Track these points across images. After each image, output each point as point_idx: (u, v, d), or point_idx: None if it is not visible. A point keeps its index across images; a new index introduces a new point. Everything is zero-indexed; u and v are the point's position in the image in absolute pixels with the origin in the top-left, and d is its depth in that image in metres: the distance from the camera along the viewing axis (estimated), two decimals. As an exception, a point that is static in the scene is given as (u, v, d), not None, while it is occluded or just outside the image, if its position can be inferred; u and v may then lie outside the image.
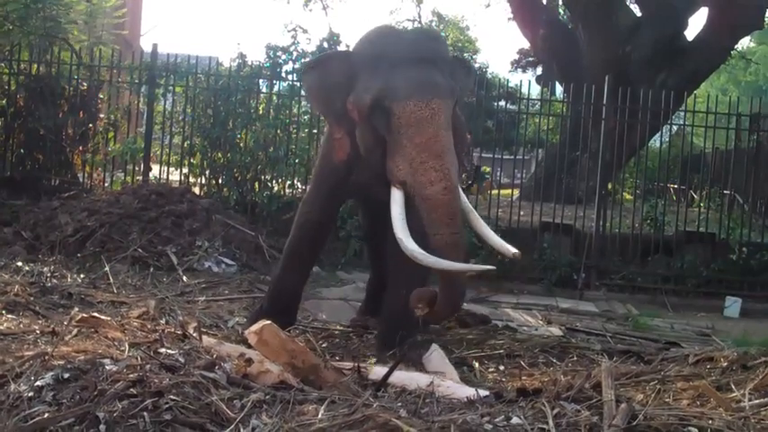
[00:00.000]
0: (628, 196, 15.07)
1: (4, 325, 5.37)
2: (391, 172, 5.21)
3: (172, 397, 3.72)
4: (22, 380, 3.87)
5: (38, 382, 3.81)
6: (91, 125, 11.68)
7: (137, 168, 11.63)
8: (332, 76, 5.60)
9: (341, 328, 6.64)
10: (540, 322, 7.83)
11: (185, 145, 11.46)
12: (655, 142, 15.40)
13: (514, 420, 3.77)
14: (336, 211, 6.71)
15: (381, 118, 5.22)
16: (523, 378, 5.15)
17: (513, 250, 5.23)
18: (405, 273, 5.83)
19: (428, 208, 4.98)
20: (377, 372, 4.82)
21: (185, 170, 11.43)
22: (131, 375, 3.88)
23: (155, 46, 11.63)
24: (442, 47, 5.80)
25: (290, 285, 6.25)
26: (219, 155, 11.24)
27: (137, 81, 11.64)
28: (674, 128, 14.06)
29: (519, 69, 27.55)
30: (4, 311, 5.79)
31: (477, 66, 16.63)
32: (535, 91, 15.16)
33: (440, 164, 4.99)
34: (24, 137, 11.42)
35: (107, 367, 3.98)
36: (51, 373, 3.89)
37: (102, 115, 11.91)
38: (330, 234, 6.73)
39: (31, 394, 3.72)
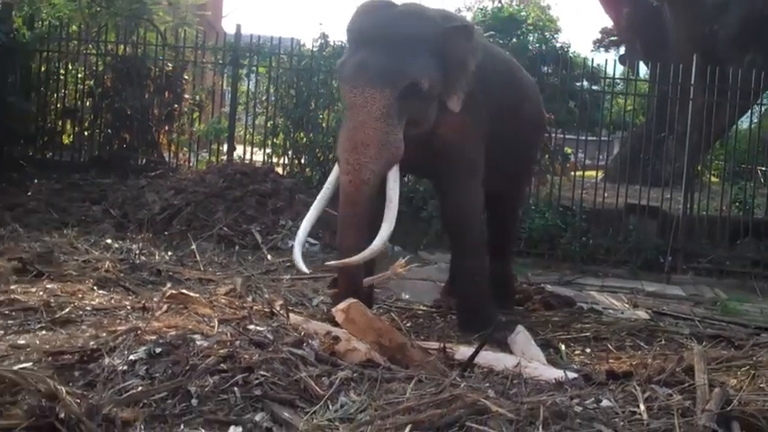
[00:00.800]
0: (715, 179, 14.75)
1: (96, 301, 5.47)
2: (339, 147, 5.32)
3: (261, 373, 3.75)
4: (116, 354, 3.94)
5: (131, 357, 3.87)
6: (176, 105, 11.85)
7: (221, 148, 11.78)
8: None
9: (424, 308, 6.63)
10: (626, 306, 7.70)
11: (268, 125, 11.55)
12: (743, 123, 15.02)
13: (604, 403, 3.71)
14: None
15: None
16: (611, 361, 5.08)
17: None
18: (466, 253, 5.95)
19: (340, 191, 5.14)
20: (463, 352, 4.81)
21: (268, 150, 11.51)
22: (222, 351, 3.92)
23: (238, 27, 11.77)
24: (421, 23, 5.40)
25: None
26: (302, 135, 11.30)
27: (221, 62, 11.76)
28: (764, 108, 13.69)
29: (601, 49, 27.06)
30: (95, 287, 5.91)
31: (558, 45, 16.34)
32: (618, 71, 14.89)
33: (354, 157, 5.01)
34: (112, 117, 11.62)
35: (198, 343, 4.04)
36: (144, 348, 3.96)
37: (186, 96, 12.07)
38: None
39: (124, 368, 3.79)
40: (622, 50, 23.50)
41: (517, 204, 6.99)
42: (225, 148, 11.69)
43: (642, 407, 3.64)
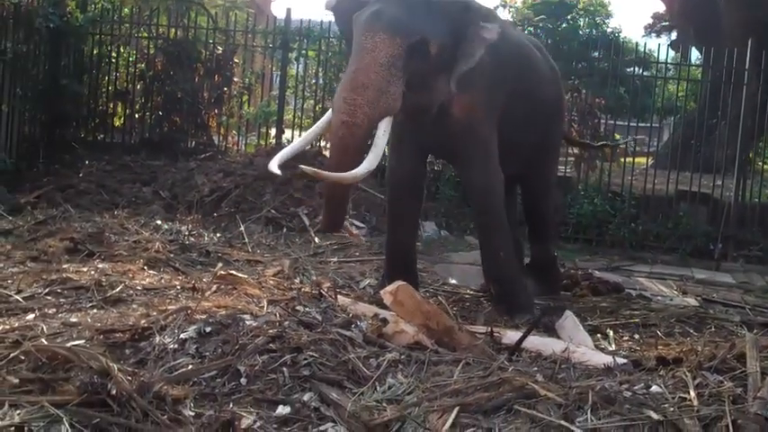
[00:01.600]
0: (767, 166, 14.52)
1: (147, 280, 5.54)
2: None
3: (310, 353, 3.79)
4: (167, 333, 4.00)
5: (182, 335, 3.93)
6: (226, 89, 11.89)
7: (270, 131, 11.83)
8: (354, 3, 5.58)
9: (471, 292, 6.60)
10: (675, 292, 7.62)
11: (317, 108, 11.56)
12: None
13: (654, 389, 3.68)
14: (418, 164, 6.27)
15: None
16: (660, 348, 5.02)
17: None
18: (481, 233, 6.04)
19: (331, 130, 5.17)
20: (510, 336, 4.80)
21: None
22: (271, 331, 3.96)
23: (288, 11, 11.78)
24: None
25: (398, 241, 6.17)
26: (350, 118, 11.27)
27: (271, 45, 11.79)
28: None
29: (653, 34, 26.72)
30: (145, 267, 5.98)
31: (609, 30, 16.17)
32: (670, 56, 14.69)
33: (351, 97, 4.98)
34: (162, 100, 11.69)
35: (247, 323, 4.08)
36: (194, 327, 4.01)
37: (236, 79, 12.11)
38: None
39: (175, 347, 3.85)
40: (674, 36, 23.23)
41: (546, 187, 6.95)
42: (273, 131, 11.73)
43: (693, 393, 3.61)
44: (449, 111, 5.53)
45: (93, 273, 5.56)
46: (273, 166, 5.15)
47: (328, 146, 10.69)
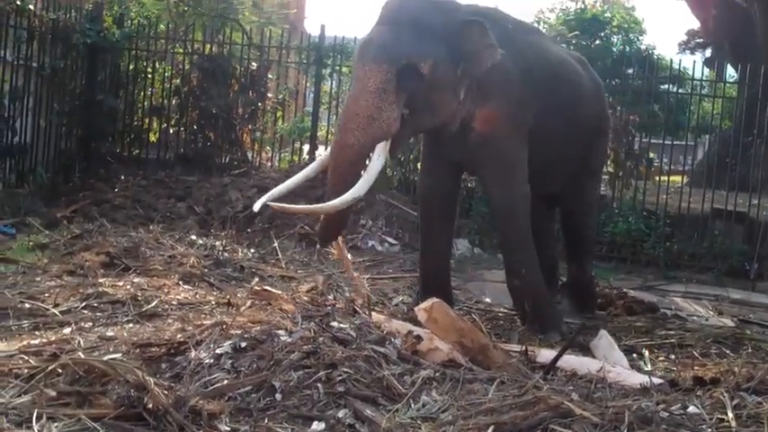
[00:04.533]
0: (804, 185, 14.38)
1: (182, 295, 5.58)
2: None
3: (345, 369, 3.79)
4: (202, 347, 4.02)
5: (217, 350, 3.95)
6: (260, 104, 11.94)
7: (303, 147, 11.87)
8: None
9: (505, 310, 6.58)
10: (711, 312, 7.54)
11: (350, 124, 11.59)
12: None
13: (691, 409, 3.66)
14: (450, 182, 6.25)
15: None
16: (696, 368, 4.97)
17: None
18: (506, 253, 6.09)
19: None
20: (545, 355, 4.78)
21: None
22: (305, 347, 3.97)
23: (323, 27, 11.83)
24: (437, 13, 5.42)
25: (431, 262, 6.18)
26: (383, 135, 11.30)
27: (305, 61, 11.84)
28: None
29: (687, 51, 26.58)
30: (180, 282, 6.02)
31: (643, 47, 16.10)
32: (704, 73, 14.59)
33: (343, 124, 5.24)
34: (197, 115, 11.75)
35: (282, 338, 4.10)
36: (229, 342, 4.03)
37: (270, 95, 12.16)
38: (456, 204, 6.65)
39: (210, 361, 3.86)
40: (709, 53, 23.09)
41: (586, 206, 6.89)
42: (307, 147, 11.75)
43: (730, 414, 3.58)
44: (471, 125, 5.58)
45: (128, 287, 5.61)
46: (257, 205, 5.52)
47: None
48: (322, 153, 11.53)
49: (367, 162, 5.35)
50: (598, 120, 6.75)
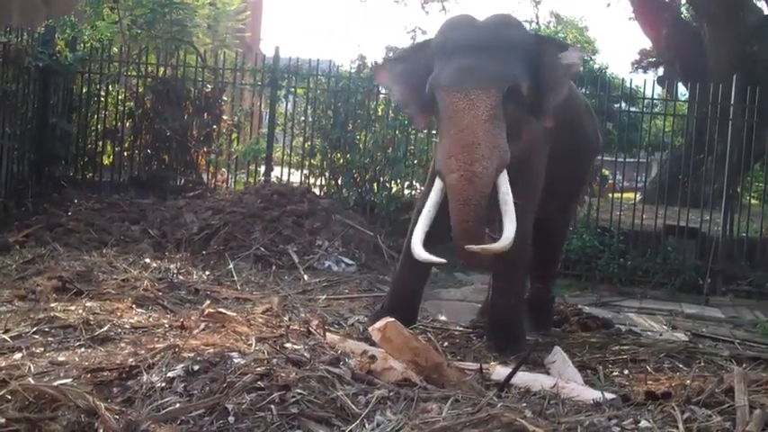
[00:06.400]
0: (755, 200, 14.61)
1: (135, 318, 5.52)
2: (435, 162, 5.23)
3: (298, 391, 3.77)
4: (155, 371, 3.98)
5: (169, 374, 3.91)
6: (215, 126, 11.92)
7: (259, 169, 11.86)
8: (415, 65, 5.56)
9: (461, 328, 6.60)
10: (665, 327, 7.64)
11: (306, 146, 11.63)
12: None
13: (643, 424, 3.69)
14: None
15: (436, 107, 5.22)
16: (649, 383, 5.02)
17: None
18: (505, 276, 5.89)
19: (449, 195, 5.00)
20: (499, 372, 4.79)
21: (306, 171, 11.57)
22: (259, 369, 3.95)
23: (277, 49, 11.86)
24: (515, 32, 5.43)
25: (408, 283, 6.11)
26: (339, 156, 11.36)
27: (259, 83, 11.83)
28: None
29: (640, 70, 26.97)
30: (134, 306, 5.97)
31: (596, 66, 16.32)
32: (656, 92, 14.82)
33: (462, 155, 4.89)
34: (151, 138, 11.70)
35: (235, 360, 4.07)
36: (182, 365, 3.99)
37: (225, 117, 12.16)
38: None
39: (162, 385, 3.82)
40: (661, 71, 23.43)
41: (565, 228, 6.92)
42: (262, 168, 11.74)
43: (681, 428, 3.63)
44: None
45: (81, 311, 5.53)
46: (422, 253, 5.13)
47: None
48: (277, 176, 11.61)
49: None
50: (595, 140, 6.78)
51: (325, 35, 74.89)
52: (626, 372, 5.50)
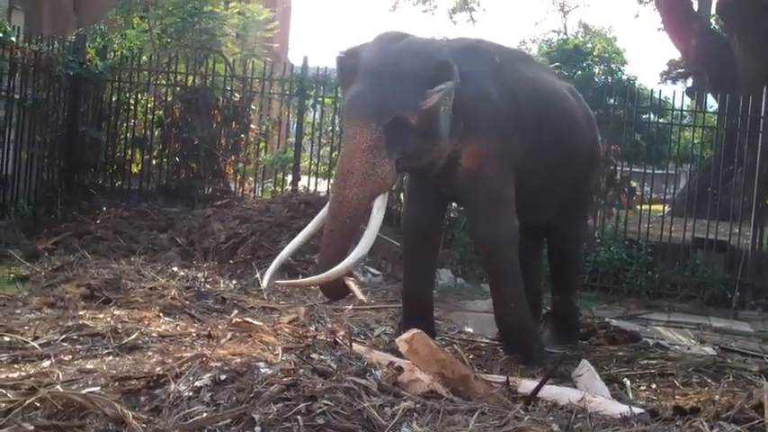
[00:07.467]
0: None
1: (162, 327, 5.55)
2: None
3: (325, 402, 3.76)
4: (182, 380, 3.99)
5: (196, 383, 3.91)
6: (243, 135, 11.97)
7: (286, 178, 11.89)
8: (352, 67, 5.55)
9: (487, 340, 6.58)
10: (693, 341, 7.58)
11: (333, 155, 11.64)
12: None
13: (671, 439, 3.67)
14: (435, 212, 6.23)
15: None
16: (677, 397, 4.99)
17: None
18: (493, 286, 6.02)
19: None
20: (526, 385, 4.77)
21: (333, 180, 11.56)
22: (285, 379, 3.95)
23: (305, 59, 11.89)
24: (415, 60, 5.32)
25: (413, 288, 6.14)
26: (366, 165, 11.33)
27: (287, 93, 11.88)
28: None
29: (669, 81, 26.85)
30: (161, 314, 6.00)
31: (624, 77, 16.24)
32: (685, 103, 14.77)
33: (340, 182, 5.21)
34: (179, 146, 11.78)
35: (262, 370, 4.07)
36: (209, 375, 4.00)
37: (253, 126, 12.20)
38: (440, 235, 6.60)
39: (190, 394, 3.83)
40: (690, 83, 23.31)
41: (573, 238, 6.90)
42: (290, 178, 11.78)
43: (710, 443, 3.59)
44: (458, 160, 5.57)
45: (109, 319, 5.58)
46: (265, 283, 5.65)
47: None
48: (304, 185, 11.64)
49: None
50: (590, 151, 6.77)
51: (353, 44, 74.97)
52: (654, 386, 5.47)
